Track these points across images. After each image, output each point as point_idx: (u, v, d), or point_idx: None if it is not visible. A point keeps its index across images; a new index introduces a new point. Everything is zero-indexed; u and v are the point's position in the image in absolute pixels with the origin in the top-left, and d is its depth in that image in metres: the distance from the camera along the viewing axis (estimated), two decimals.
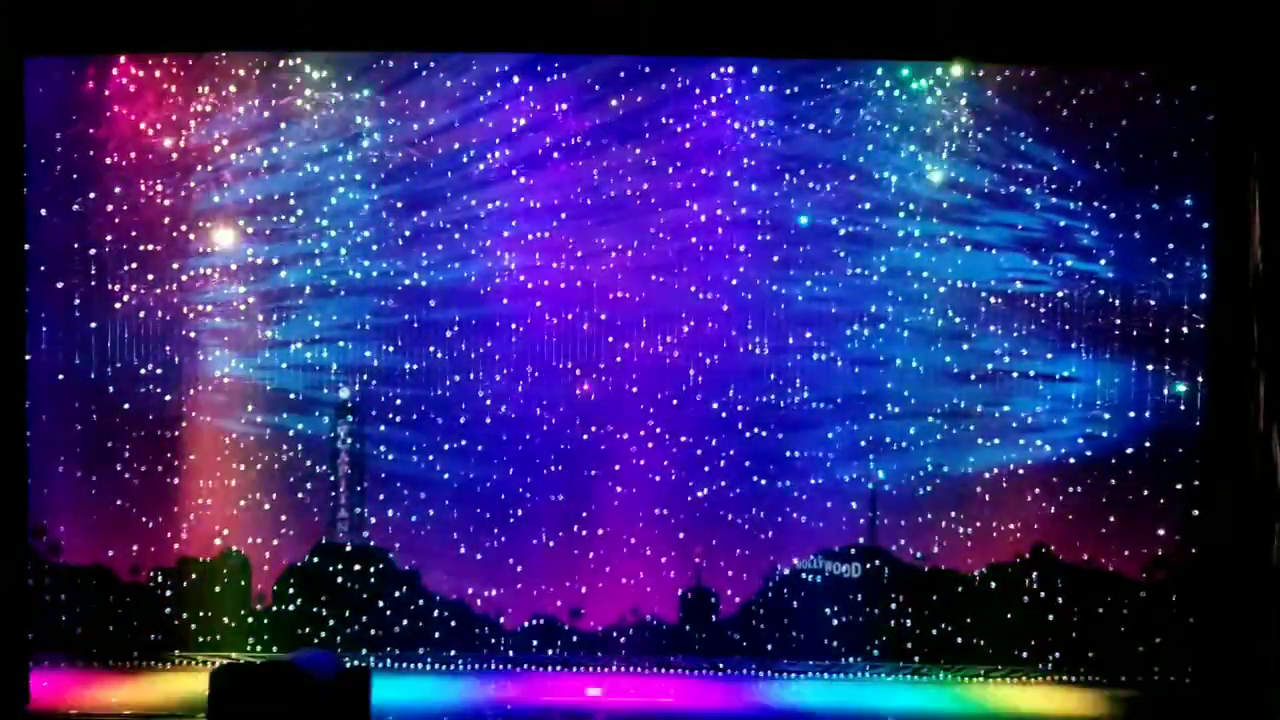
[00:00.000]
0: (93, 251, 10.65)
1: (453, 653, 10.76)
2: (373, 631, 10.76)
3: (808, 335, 10.68)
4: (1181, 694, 10.37)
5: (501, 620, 10.79)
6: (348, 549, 10.81)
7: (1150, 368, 10.51)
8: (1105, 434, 10.55)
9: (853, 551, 10.74)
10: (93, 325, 10.67)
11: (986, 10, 9.45)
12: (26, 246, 9.88)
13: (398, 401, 10.75)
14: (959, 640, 10.67)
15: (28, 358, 10.30)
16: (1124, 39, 9.56)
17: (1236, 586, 9.61)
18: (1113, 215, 10.50)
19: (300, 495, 10.78)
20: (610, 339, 10.71)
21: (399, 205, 10.65)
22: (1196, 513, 10.27)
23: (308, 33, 9.68)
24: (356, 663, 10.63)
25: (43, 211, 10.42)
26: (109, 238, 10.65)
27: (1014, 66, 10.37)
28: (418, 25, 9.58)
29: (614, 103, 10.58)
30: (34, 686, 9.86)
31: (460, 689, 10.24)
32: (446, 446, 10.75)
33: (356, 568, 10.79)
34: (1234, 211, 9.53)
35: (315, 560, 10.81)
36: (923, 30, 9.56)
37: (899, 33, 9.59)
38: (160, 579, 10.75)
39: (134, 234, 10.66)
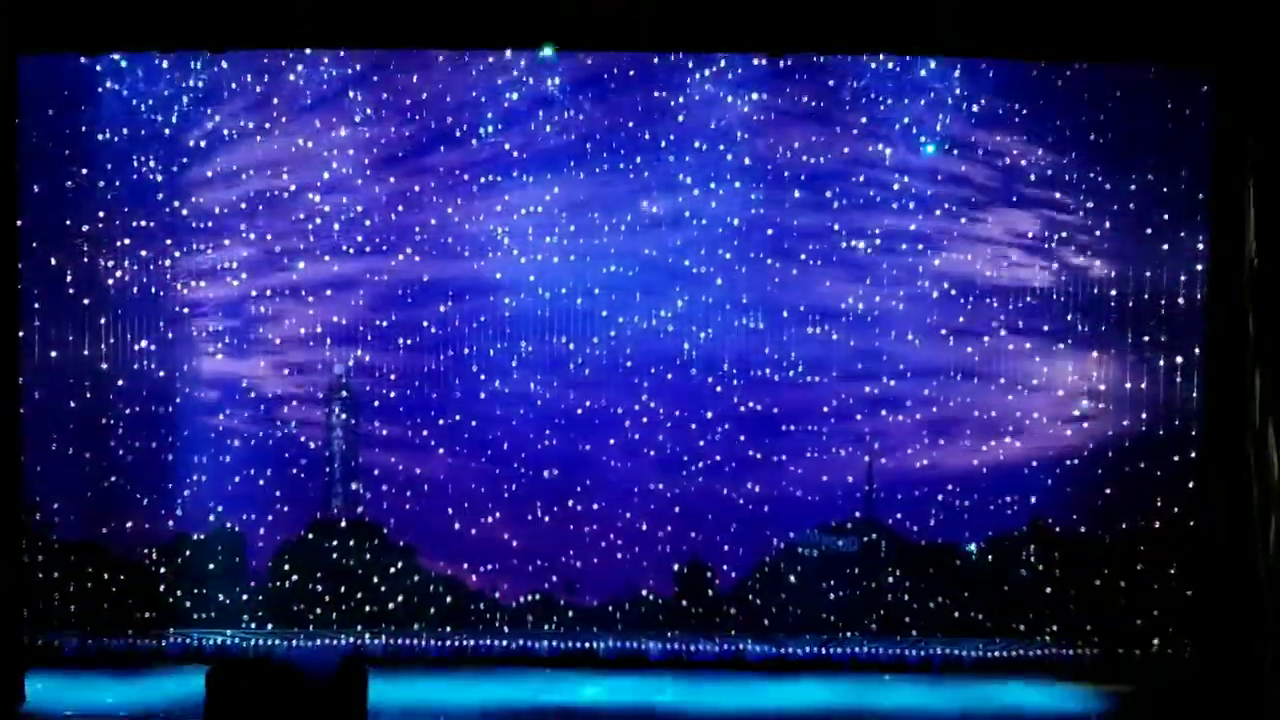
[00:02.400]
0: (85, 228, 10.63)
1: (448, 629, 10.74)
2: (368, 608, 10.74)
3: (802, 309, 10.63)
4: (1182, 666, 10.34)
5: (497, 596, 10.76)
6: (342, 525, 10.78)
7: (1145, 360, 10.45)
8: (1106, 430, 10.54)
9: (849, 525, 10.70)
10: (85, 302, 10.64)
11: (981, 4, 9.35)
12: (19, 223, 9.86)
13: (392, 376, 10.72)
14: (956, 614, 10.62)
15: (20, 334, 10.33)
16: (1119, 30, 9.44)
17: (1233, 576, 9.53)
18: (1108, 207, 10.45)
19: (294, 471, 10.75)
20: (604, 313, 10.67)
21: (392, 180, 10.62)
22: (1193, 484, 10.28)
23: (305, 31, 9.59)
24: (353, 640, 10.68)
25: (35, 188, 10.39)
26: (101, 214, 10.63)
27: (1009, 59, 10.29)
28: (415, 22, 9.45)
29: (607, 76, 10.55)
30: (29, 688, 9.80)
31: (457, 688, 10.19)
32: (441, 421, 10.72)
33: (351, 543, 10.76)
34: (1230, 204, 9.43)
35: (310, 536, 10.78)
36: (918, 24, 9.46)
37: (893, 26, 9.48)
38: (155, 556, 10.73)
39: (126, 210, 10.64)
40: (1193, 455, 10.30)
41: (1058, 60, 10.19)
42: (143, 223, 10.65)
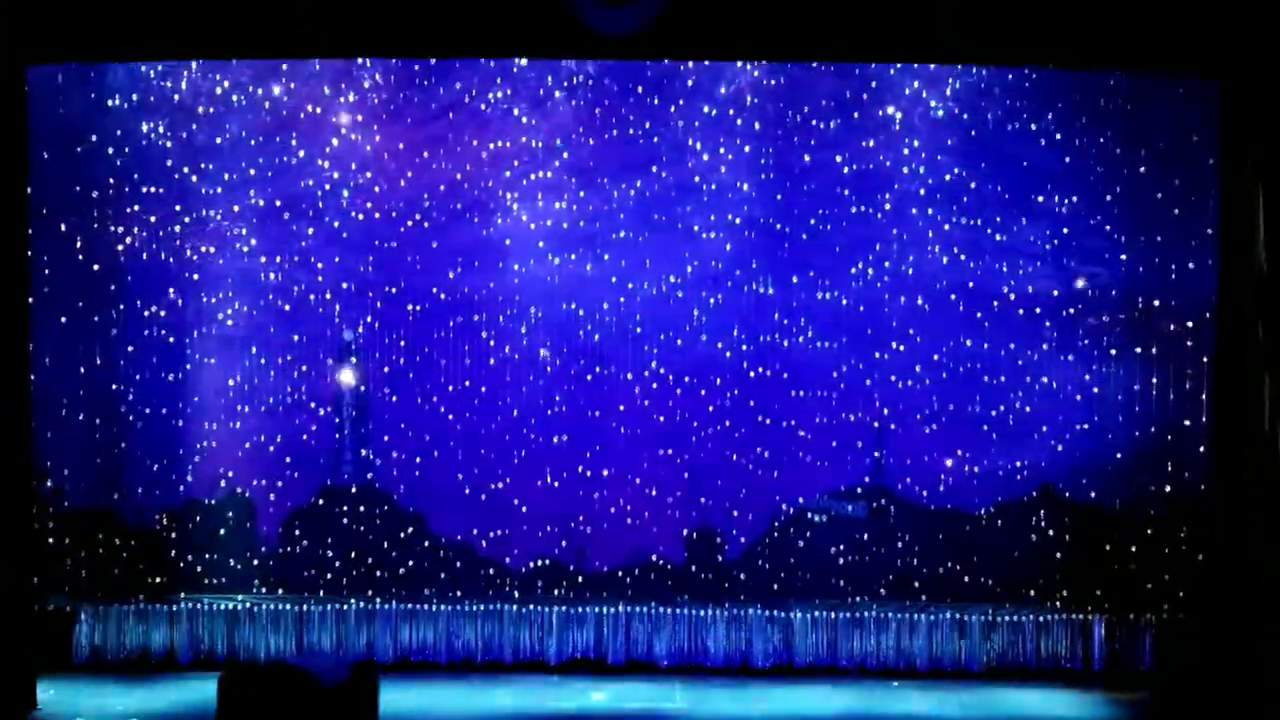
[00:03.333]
0: (95, 194, 10.63)
1: (459, 594, 10.75)
2: (378, 574, 10.75)
3: (811, 274, 10.61)
4: (1190, 632, 10.35)
5: (507, 561, 10.76)
6: (352, 491, 10.79)
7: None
8: (1117, 395, 10.55)
9: (859, 491, 10.69)
10: (95, 268, 10.65)
11: (987, 11, 9.42)
12: (29, 190, 9.87)
13: (401, 343, 10.72)
14: (966, 579, 10.62)
15: (30, 301, 10.36)
16: (1127, 37, 9.52)
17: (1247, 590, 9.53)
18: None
19: (304, 437, 10.75)
20: (614, 279, 10.65)
21: (400, 146, 10.61)
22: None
23: (313, 39, 9.70)
24: (363, 605, 10.71)
25: (45, 155, 10.40)
26: (111, 180, 10.63)
27: (1015, 67, 10.32)
28: (427, 31, 9.64)
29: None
30: (40, 694, 9.85)
31: (467, 694, 10.27)
32: (450, 388, 10.72)
33: (361, 509, 10.77)
34: (1239, 211, 9.46)
35: (320, 503, 10.79)
36: (922, 31, 9.55)
37: (897, 34, 9.58)
38: (165, 522, 10.75)
39: (136, 176, 10.64)
40: (1203, 420, 10.33)
41: (1065, 67, 10.20)
42: (152, 188, 10.64)
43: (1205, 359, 10.27)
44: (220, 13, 9.45)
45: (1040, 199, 10.47)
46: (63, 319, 10.62)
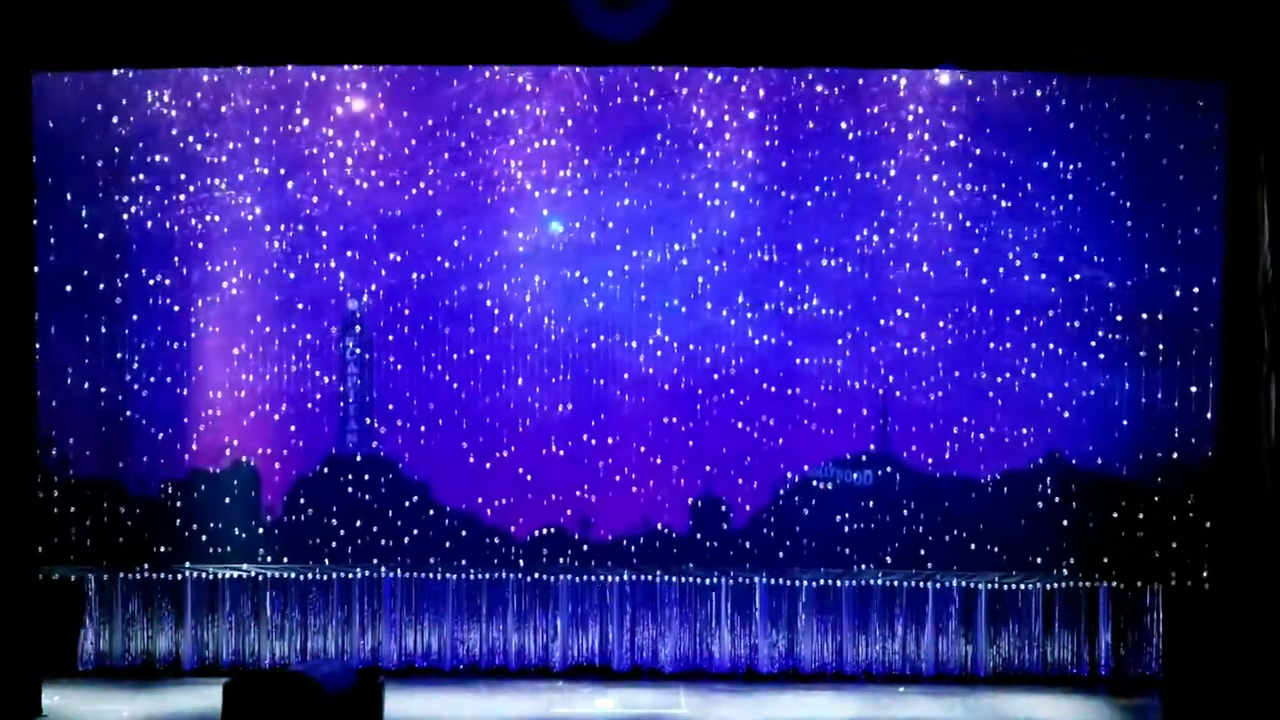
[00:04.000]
0: (100, 164, 10.64)
1: (464, 562, 10.74)
2: (383, 542, 10.74)
3: (816, 241, 10.58)
4: (1199, 598, 10.30)
5: (512, 530, 10.74)
6: (357, 460, 10.78)
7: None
8: (1123, 361, 10.51)
9: (864, 459, 10.65)
10: (100, 236, 10.66)
11: (990, 16, 9.44)
12: (34, 159, 9.89)
13: (405, 311, 10.71)
14: (972, 546, 10.57)
15: (36, 269, 10.37)
16: (1131, 42, 9.51)
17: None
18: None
19: (309, 406, 10.76)
20: (618, 246, 10.64)
21: (405, 114, 10.61)
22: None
23: (316, 47, 9.77)
24: (369, 574, 10.71)
25: (50, 124, 10.42)
26: (116, 149, 10.65)
27: (1021, 72, 10.34)
28: (421, 37, 9.66)
29: None
30: (45, 699, 9.87)
31: (472, 700, 10.31)
32: (454, 356, 10.70)
33: (366, 478, 10.76)
34: (1243, 216, 9.41)
35: (325, 471, 10.78)
36: (922, 37, 9.56)
37: (895, 40, 9.60)
38: (170, 490, 10.75)
39: (141, 145, 10.66)
40: (1210, 385, 10.28)
41: (1070, 72, 10.24)
42: (157, 157, 10.65)
43: (1211, 324, 10.23)
44: (224, 22, 9.51)
45: (1045, 164, 10.43)
46: (68, 288, 10.64)
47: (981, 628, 10.70)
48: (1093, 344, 10.49)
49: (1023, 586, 10.60)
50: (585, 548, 10.74)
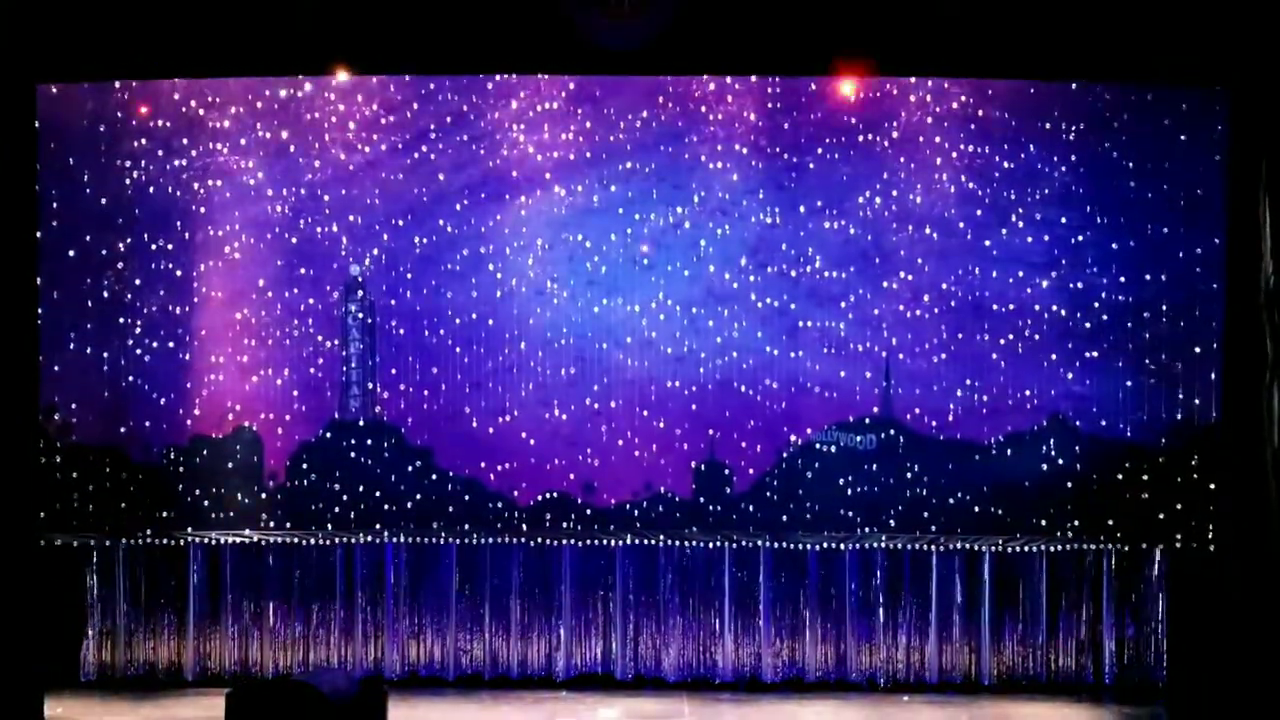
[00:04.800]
0: (102, 128, 10.64)
1: (466, 527, 10.73)
2: (386, 507, 10.73)
3: (819, 203, 10.57)
4: (1204, 561, 10.31)
5: (515, 495, 10.73)
6: (360, 425, 10.77)
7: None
8: (1127, 323, 10.51)
9: (867, 422, 10.63)
10: (103, 201, 10.66)
11: (994, 23, 9.45)
12: (36, 124, 9.89)
13: (408, 276, 10.70)
14: (976, 509, 10.56)
15: (39, 234, 10.37)
16: (1133, 49, 9.54)
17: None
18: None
19: (312, 371, 10.74)
20: (620, 209, 10.63)
21: (407, 78, 10.60)
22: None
23: (317, 55, 9.85)
24: (373, 539, 10.71)
25: (53, 89, 10.41)
26: (119, 114, 10.64)
27: (1022, 80, 10.34)
28: (429, 48, 9.75)
29: None
30: (48, 710, 9.84)
31: (474, 710, 10.36)
32: (457, 321, 10.69)
33: (369, 443, 10.74)
34: (1245, 223, 9.41)
35: (328, 436, 10.77)
36: (925, 44, 9.60)
37: (898, 47, 9.64)
38: (173, 456, 10.74)
39: (144, 110, 10.66)
40: (1215, 346, 10.27)
41: (1071, 79, 10.26)
42: (160, 122, 10.65)
43: (1215, 285, 10.22)
44: (225, 31, 9.54)
45: (1048, 126, 10.42)
46: (71, 252, 10.64)
47: (986, 593, 10.71)
48: (1095, 305, 10.48)
49: (1027, 549, 10.60)
50: (589, 512, 10.72)
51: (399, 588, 10.89)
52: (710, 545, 10.74)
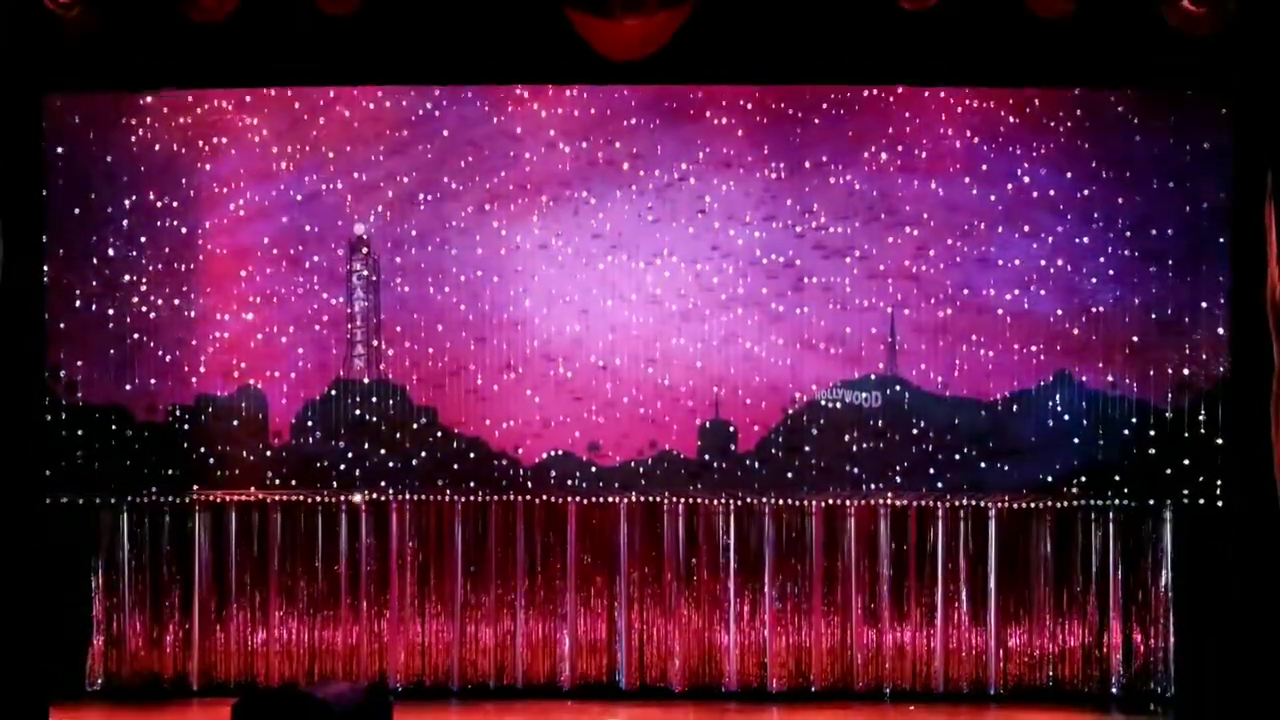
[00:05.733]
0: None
1: (471, 484, 10.71)
2: (390, 465, 10.72)
3: (824, 159, 10.55)
4: (1213, 516, 10.27)
5: (519, 452, 10.70)
6: (364, 383, 10.76)
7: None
8: (1132, 278, 10.46)
9: (872, 378, 10.59)
10: (108, 159, 10.67)
11: (995, 31, 9.51)
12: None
13: (413, 233, 10.69)
14: (982, 465, 10.51)
15: (44, 192, 10.40)
16: (1135, 56, 9.60)
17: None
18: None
19: (317, 328, 10.74)
20: (625, 165, 10.61)
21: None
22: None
23: (325, 67, 10.00)
24: (375, 496, 10.71)
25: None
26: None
27: (1024, 87, 10.36)
28: (437, 60, 9.97)
29: None
30: (53, 718, 9.80)
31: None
32: (462, 278, 10.68)
33: (374, 401, 10.74)
34: (1250, 231, 9.38)
35: (333, 394, 10.76)
36: (923, 54, 9.69)
37: (897, 57, 9.74)
38: (178, 414, 10.74)
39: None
40: (1222, 301, 10.23)
41: (1073, 87, 10.27)
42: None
43: (1221, 240, 10.19)
44: (230, 42, 9.64)
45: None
46: (76, 210, 10.65)
47: (992, 551, 10.68)
48: (1101, 260, 10.44)
49: (1033, 505, 10.56)
50: (593, 470, 10.69)
51: (404, 546, 10.88)
52: (715, 503, 10.71)
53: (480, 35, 9.71)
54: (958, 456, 10.53)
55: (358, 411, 10.74)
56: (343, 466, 10.72)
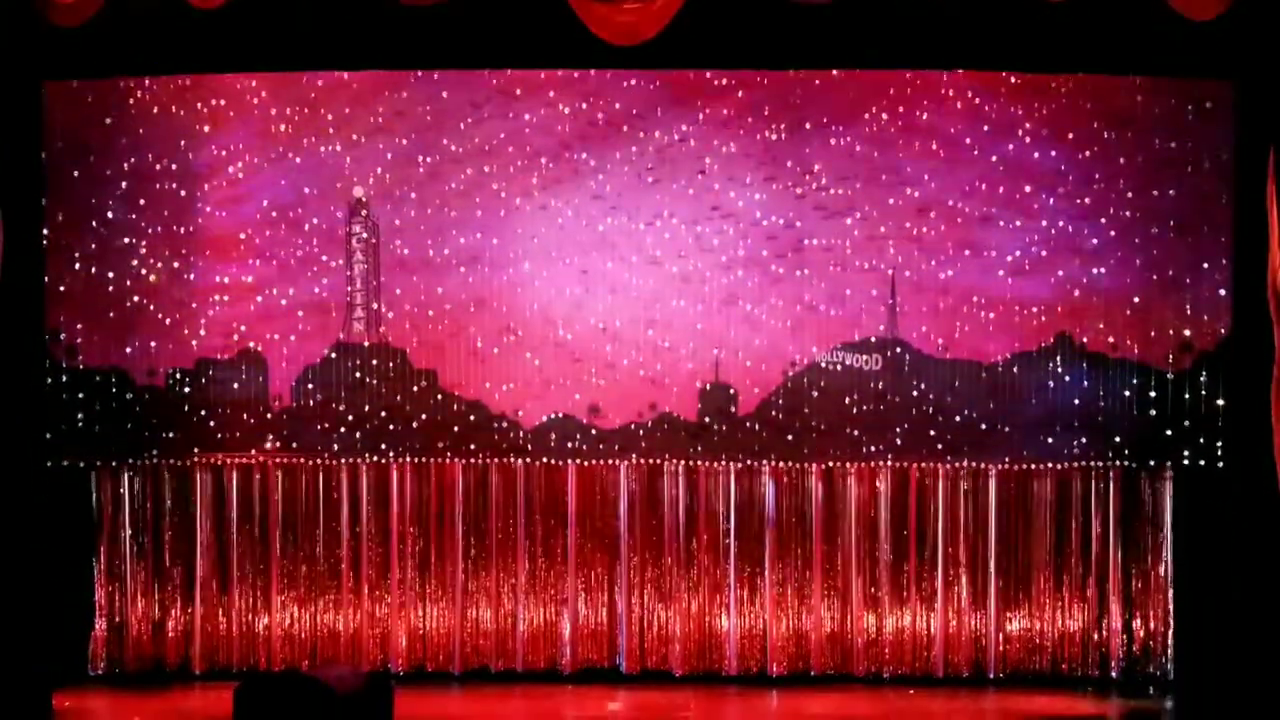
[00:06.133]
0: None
1: (472, 446, 10.70)
2: (391, 427, 10.71)
3: (825, 119, 10.50)
4: (1213, 478, 10.26)
5: (520, 415, 10.69)
6: (365, 346, 10.74)
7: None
8: (1134, 239, 10.43)
9: (873, 340, 10.57)
10: (108, 121, 10.63)
11: (996, 16, 9.55)
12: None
13: (412, 195, 10.66)
14: (983, 426, 10.49)
15: (44, 155, 10.39)
16: (1137, 42, 9.63)
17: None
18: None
19: (317, 291, 10.72)
20: (625, 128, 10.57)
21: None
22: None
23: (326, 52, 10.13)
24: (376, 459, 10.71)
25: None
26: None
27: (1025, 73, 10.34)
28: (436, 44, 10.09)
29: None
30: (56, 703, 9.92)
31: (481, 705, 10.41)
32: (461, 240, 10.66)
33: (374, 363, 10.72)
34: (1253, 218, 9.39)
35: (333, 357, 10.75)
36: (927, 39, 9.73)
37: (899, 41, 9.80)
38: (178, 377, 10.73)
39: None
40: (1224, 262, 10.20)
41: (1074, 72, 10.24)
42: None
43: (1224, 200, 10.15)
44: (230, 28, 9.71)
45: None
46: (75, 173, 10.62)
47: (992, 514, 10.69)
48: (1103, 220, 10.40)
49: (1032, 467, 10.54)
50: (594, 432, 10.68)
51: (403, 509, 10.90)
52: (714, 465, 10.71)
53: (480, 19, 9.81)
54: (958, 419, 10.51)
55: (358, 374, 10.73)
56: (343, 429, 10.72)
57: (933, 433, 10.52)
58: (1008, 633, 10.68)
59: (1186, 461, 10.37)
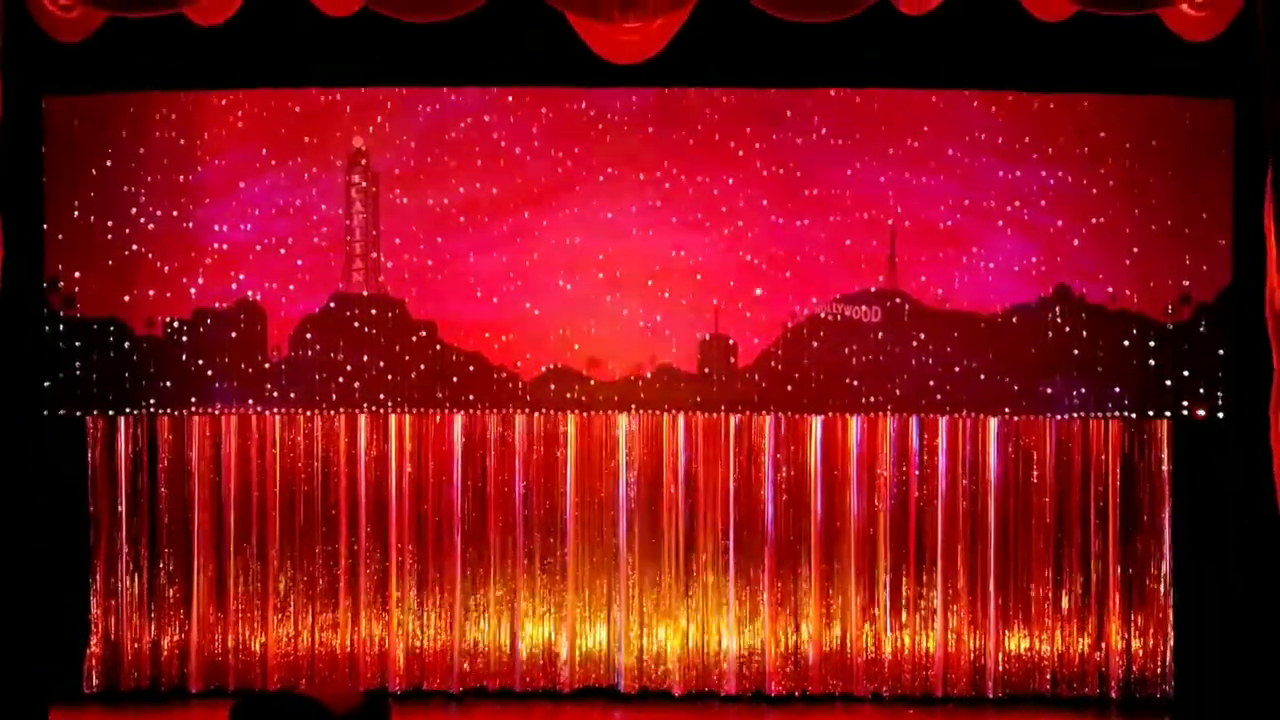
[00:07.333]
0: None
1: (471, 397, 10.68)
2: (389, 377, 10.68)
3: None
4: (1212, 431, 10.26)
5: (519, 366, 10.67)
6: (364, 296, 10.72)
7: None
8: (1133, 189, 10.43)
9: (872, 291, 10.56)
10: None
11: (995, 34, 9.69)
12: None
13: (412, 145, 10.64)
14: (982, 377, 10.49)
15: (43, 105, 10.38)
16: (1135, 58, 9.76)
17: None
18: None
19: (316, 240, 10.70)
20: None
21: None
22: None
23: (328, 69, 10.29)
24: (375, 409, 10.69)
25: None
26: None
27: (1024, 92, 10.41)
28: (434, 60, 10.29)
29: None
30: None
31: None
32: (461, 190, 10.64)
33: (373, 313, 10.69)
34: (1251, 233, 9.43)
35: (332, 307, 10.72)
36: (922, 58, 9.87)
37: (898, 60, 9.94)
38: (176, 326, 10.70)
39: None
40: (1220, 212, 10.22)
41: (1073, 91, 10.30)
42: None
43: (1224, 151, 10.17)
44: (232, 44, 9.84)
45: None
46: (75, 122, 10.59)
47: (991, 461, 10.69)
48: (1102, 171, 10.41)
49: (1032, 418, 10.54)
50: (592, 383, 10.66)
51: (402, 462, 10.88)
52: (714, 416, 10.70)
53: (478, 36, 9.93)
54: (957, 369, 10.51)
55: (357, 324, 10.70)
56: (341, 380, 10.69)
57: (932, 383, 10.51)
58: (1009, 561, 10.77)
59: (1185, 413, 10.36)
